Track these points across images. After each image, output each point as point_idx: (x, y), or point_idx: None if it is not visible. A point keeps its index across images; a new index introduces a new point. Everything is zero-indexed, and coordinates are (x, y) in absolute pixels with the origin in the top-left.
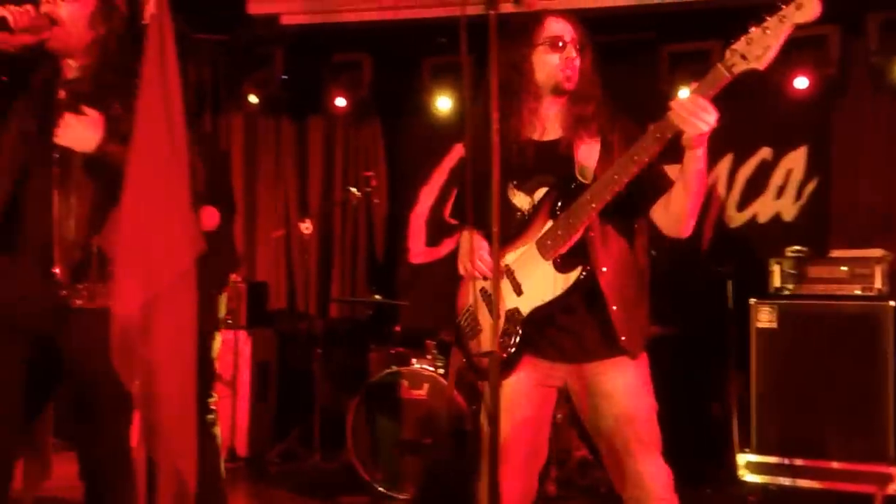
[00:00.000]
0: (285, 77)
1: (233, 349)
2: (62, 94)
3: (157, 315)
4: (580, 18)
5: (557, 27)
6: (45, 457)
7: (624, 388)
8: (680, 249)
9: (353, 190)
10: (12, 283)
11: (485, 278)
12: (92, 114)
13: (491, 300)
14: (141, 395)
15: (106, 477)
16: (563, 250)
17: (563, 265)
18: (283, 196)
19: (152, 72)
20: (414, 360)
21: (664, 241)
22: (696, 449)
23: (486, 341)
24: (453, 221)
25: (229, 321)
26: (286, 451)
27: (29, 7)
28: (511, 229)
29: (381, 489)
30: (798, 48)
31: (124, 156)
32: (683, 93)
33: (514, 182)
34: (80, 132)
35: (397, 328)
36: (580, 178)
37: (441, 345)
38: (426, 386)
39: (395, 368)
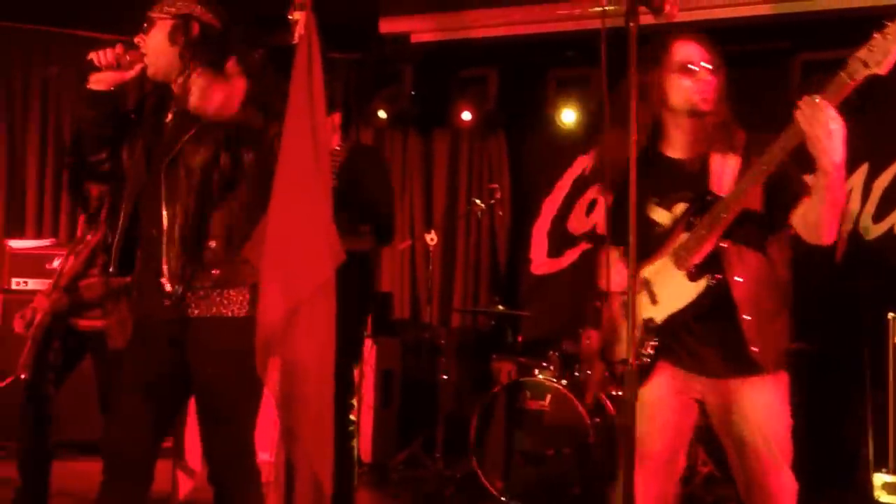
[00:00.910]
0: (413, 92)
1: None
2: (169, 116)
3: (298, 323)
4: (713, 30)
5: (688, 51)
6: (187, 461)
7: (763, 407)
8: (813, 263)
9: (478, 202)
10: (141, 297)
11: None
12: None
13: (628, 313)
14: (281, 401)
15: (230, 481)
16: (696, 260)
17: (695, 274)
18: (409, 208)
19: (300, 89)
20: (536, 371)
21: (796, 254)
22: (826, 467)
23: (622, 351)
24: (576, 233)
25: None
26: (409, 458)
27: (118, 46)
28: (650, 244)
29: (503, 498)
30: None
31: (227, 166)
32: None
33: (655, 199)
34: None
35: (519, 338)
36: (715, 191)
37: (563, 356)
38: (549, 397)
39: (518, 379)
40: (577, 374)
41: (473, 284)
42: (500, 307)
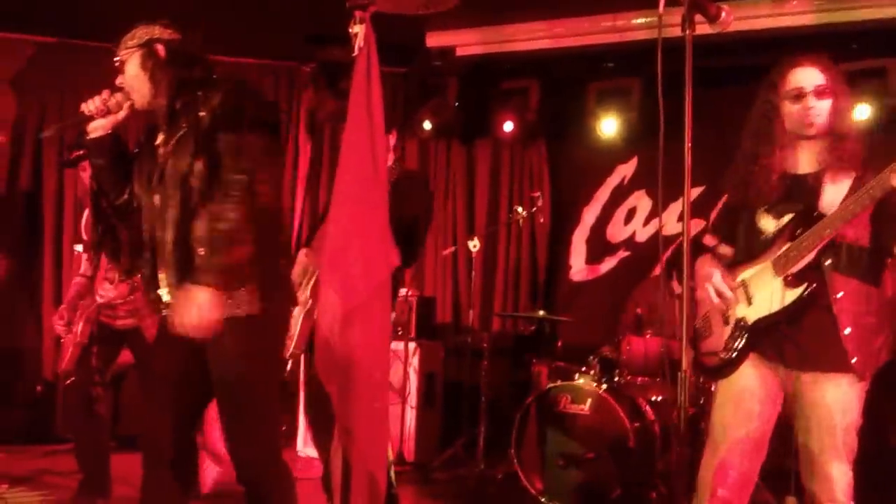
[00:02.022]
0: (457, 104)
1: (403, 359)
2: (159, 138)
3: (355, 325)
4: (757, 40)
5: (800, 77)
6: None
7: (834, 401)
8: None
9: (520, 209)
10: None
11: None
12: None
13: (723, 309)
14: (339, 400)
15: (257, 479)
16: (795, 269)
17: (792, 282)
18: (452, 215)
19: (359, 99)
20: (577, 376)
21: None
22: None
23: (712, 344)
24: (614, 241)
25: (399, 332)
26: (451, 459)
27: (103, 91)
28: (754, 249)
29: (543, 500)
30: None
31: (202, 173)
32: None
33: (764, 207)
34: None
35: (559, 343)
36: (823, 208)
37: (603, 361)
38: (589, 401)
39: (558, 383)
40: (617, 379)
41: (514, 290)
42: (541, 312)
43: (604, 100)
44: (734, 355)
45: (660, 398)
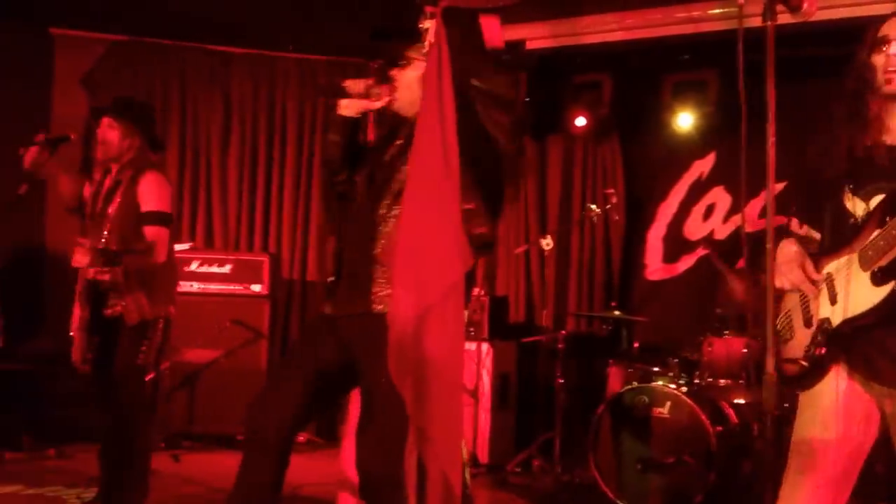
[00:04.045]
0: (528, 99)
1: (476, 360)
2: (394, 147)
3: (429, 324)
4: (839, 29)
5: (887, 26)
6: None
7: None
8: None
9: (593, 207)
10: (334, 302)
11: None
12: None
13: (806, 309)
14: (412, 401)
15: (383, 490)
16: (883, 262)
17: (880, 278)
18: (524, 213)
19: (431, 95)
20: (655, 377)
21: None
22: None
23: (793, 349)
24: (692, 238)
25: (472, 332)
26: (526, 461)
27: (371, 77)
28: (843, 235)
29: None
30: None
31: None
32: None
33: (851, 186)
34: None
35: (636, 344)
36: None
37: (683, 362)
38: (668, 404)
39: (635, 385)
40: (697, 381)
41: (588, 289)
42: (617, 312)
43: (680, 93)
44: (815, 364)
45: (743, 401)
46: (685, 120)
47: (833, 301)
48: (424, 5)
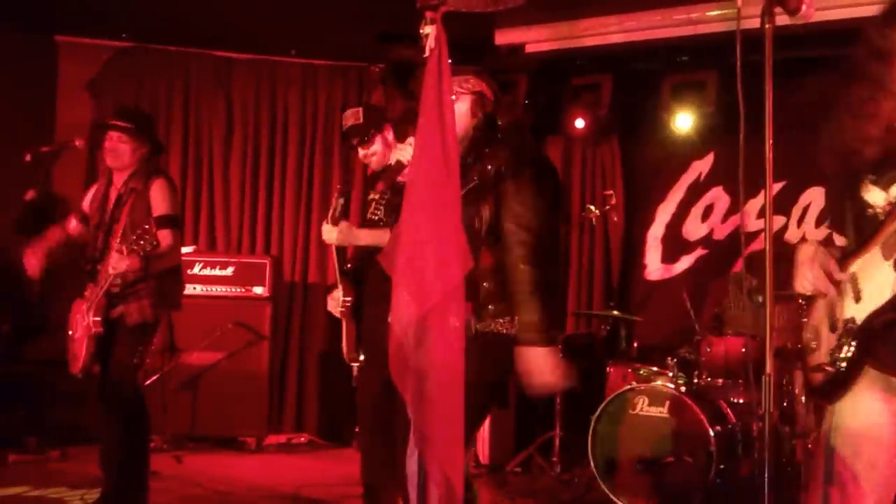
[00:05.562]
0: (527, 101)
1: None
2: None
3: (429, 328)
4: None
5: None
6: None
7: None
8: None
9: (592, 208)
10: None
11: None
12: None
13: (832, 315)
14: (413, 404)
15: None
16: None
17: None
18: None
19: (430, 100)
20: (654, 377)
21: None
22: None
23: (819, 356)
24: (691, 239)
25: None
26: (526, 461)
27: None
28: (864, 230)
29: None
30: None
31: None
32: None
33: (872, 176)
34: None
35: (635, 344)
36: None
37: (682, 362)
38: (667, 403)
39: (634, 384)
40: (696, 381)
41: (587, 290)
42: (616, 312)
43: (678, 94)
44: (843, 368)
45: (742, 401)
46: (684, 121)
47: (857, 299)
48: (425, 10)
